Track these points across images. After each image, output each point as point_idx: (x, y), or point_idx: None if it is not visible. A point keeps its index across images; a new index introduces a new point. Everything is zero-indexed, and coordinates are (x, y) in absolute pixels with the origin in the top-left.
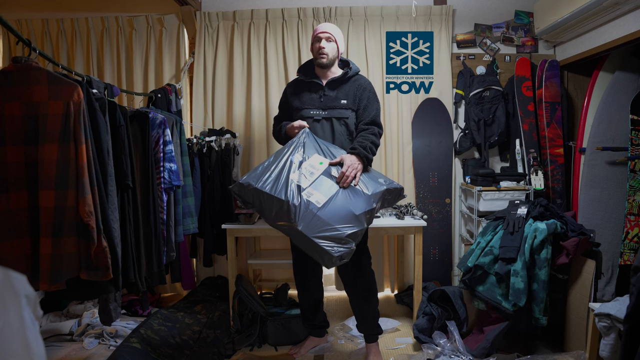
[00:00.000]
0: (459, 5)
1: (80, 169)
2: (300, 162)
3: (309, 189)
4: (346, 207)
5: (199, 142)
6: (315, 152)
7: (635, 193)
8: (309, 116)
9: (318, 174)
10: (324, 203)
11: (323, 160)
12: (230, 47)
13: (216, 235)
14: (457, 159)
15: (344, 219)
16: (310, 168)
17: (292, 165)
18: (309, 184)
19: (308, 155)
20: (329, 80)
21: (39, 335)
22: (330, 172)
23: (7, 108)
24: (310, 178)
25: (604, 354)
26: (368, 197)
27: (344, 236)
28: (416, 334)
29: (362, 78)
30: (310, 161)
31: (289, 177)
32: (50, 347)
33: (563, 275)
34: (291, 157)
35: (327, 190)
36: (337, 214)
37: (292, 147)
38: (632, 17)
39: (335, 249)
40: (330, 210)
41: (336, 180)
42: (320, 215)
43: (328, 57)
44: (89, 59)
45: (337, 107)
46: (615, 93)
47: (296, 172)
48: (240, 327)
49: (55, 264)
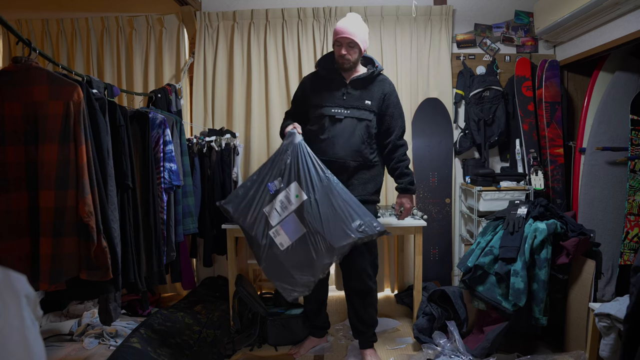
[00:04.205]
0: (459, 5)
1: (80, 169)
2: (277, 191)
3: (277, 227)
4: (307, 255)
5: (199, 142)
6: (296, 180)
7: (635, 193)
8: (329, 114)
9: (290, 211)
10: (287, 247)
11: (300, 192)
12: (230, 47)
13: (216, 235)
14: (457, 159)
15: (303, 267)
16: (285, 202)
17: (267, 195)
18: (278, 222)
19: (287, 182)
20: (353, 79)
21: (39, 335)
22: (303, 211)
23: (7, 108)
24: (282, 214)
25: (604, 354)
26: (331, 250)
27: (298, 284)
28: (416, 334)
29: (387, 80)
30: (287, 193)
31: (262, 209)
32: (50, 347)
33: (563, 275)
34: (269, 182)
35: (294, 231)
36: (296, 261)
37: (275, 166)
38: (632, 17)
39: (289, 293)
40: (291, 256)
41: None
42: (281, 260)
43: (350, 62)
44: (89, 59)
45: (360, 108)
46: (615, 93)
47: (269, 205)
48: (240, 327)
49: (55, 264)
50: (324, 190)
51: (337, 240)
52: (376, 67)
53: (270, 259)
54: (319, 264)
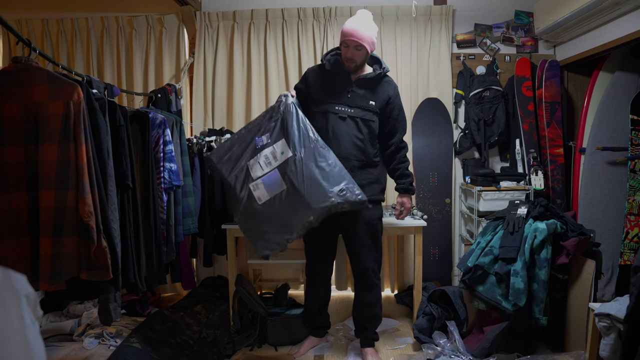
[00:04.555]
0: (459, 5)
1: (80, 169)
2: (263, 146)
3: (257, 180)
4: (284, 212)
5: (199, 142)
6: (284, 137)
7: (635, 193)
8: (333, 111)
9: (274, 167)
10: (264, 201)
11: (286, 150)
12: (230, 47)
13: (216, 235)
14: (457, 159)
15: (279, 224)
16: (270, 157)
17: (253, 149)
18: (260, 175)
19: (275, 139)
20: (359, 78)
21: (39, 335)
22: (286, 168)
23: (7, 108)
24: (264, 169)
25: (604, 354)
26: (309, 209)
27: (272, 241)
28: (416, 334)
29: (391, 83)
30: (274, 149)
31: (245, 162)
32: (50, 347)
33: (563, 275)
34: (256, 137)
35: (274, 188)
36: (273, 217)
37: (264, 122)
38: (632, 17)
39: (261, 249)
40: (267, 211)
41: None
42: (258, 214)
43: (356, 64)
44: (89, 59)
45: (364, 108)
46: (615, 93)
47: (253, 159)
48: (240, 327)
49: (55, 264)
50: (311, 151)
51: (316, 201)
52: (383, 68)
53: (247, 213)
54: (295, 222)
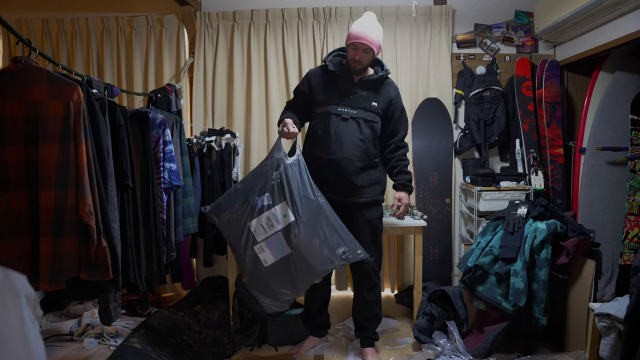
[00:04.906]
0: (459, 5)
1: (80, 169)
2: (264, 206)
3: (262, 243)
4: (289, 274)
5: (199, 142)
6: (284, 200)
7: (635, 193)
8: (336, 112)
9: (276, 230)
10: (270, 264)
11: (287, 213)
12: (230, 47)
13: (216, 235)
14: (457, 159)
15: (284, 285)
16: (272, 219)
17: (254, 209)
18: (263, 238)
19: (276, 200)
20: (362, 79)
21: (39, 335)
22: (290, 231)
23: (7, 108)
24: (268, 232)
25: (604, 354)
26: (313, 274)
27: (277, 299)
28: (416, 334)
29: (392, 84)
30: (275, 211)
31: (247, 223)
32: (50, 347)
33: (563, 275)
34: (257, 197)
35: (279, 250)
36: (278, 278)
37: (262, 177)
38: (632, 17)
39: (269, 306)
40: (273, 274)
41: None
42: (264, 274)
43: (362, 66)
44: (89, 59)
45: (367, 109)
46: (615, 93)
47: (256, 219)
48: (240, 327)
49: (55, 264)
50: (313, 213)
51: (321, 265)
52: (385, 70)
53: (254, 273)
54: (300, 283)
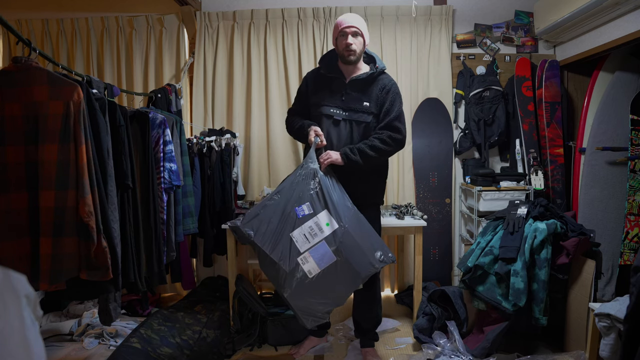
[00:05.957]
0: (459, 5)
1: (80, 169)
2: (305, 215)
3: (305, 253)
4: (332, 284)
5: (199, 142)
6: (326, 208)
7: (635, 193)
8: (327, 114)
9: (321, 239)
10: (314, 275)
11: (331, 221)
12: (230, 47)
13: (216, 235)
14: (457, 159)
15: (327, 296)
16: (315, 228)
17: (295, 219)
18: (307, 248)
19: (317, 209)
20: (352, 79)
21: (39, 335)
22: (334, 239)
23: (7, 108)
24: (312, 241)
25: (604, 354)
26: (359, 279)
27: (319, 311)
28: (416, 334)
29: (386, 78)
30: (317, 219)
31: (289, 233)
32: (50, 347)
33: (563, 275)
34: (296, 207)
35: (324, 259)
36: (322, 289)
37: (298, 187)
38: (632, 17)
39: (310, 321)
40: (318, 284)
41: (333, 246)
42: (307, 288)
43: (356, 53)
44: (89, 59)
45: (358, 110)
46: (615, 93)
47: (298, 229)
48: (240, 327)
49: (55, 264)
50: (353, 219)
51: (364, 270)
52: (377, 67)
53: (297, 286)
54: (345, 291)
